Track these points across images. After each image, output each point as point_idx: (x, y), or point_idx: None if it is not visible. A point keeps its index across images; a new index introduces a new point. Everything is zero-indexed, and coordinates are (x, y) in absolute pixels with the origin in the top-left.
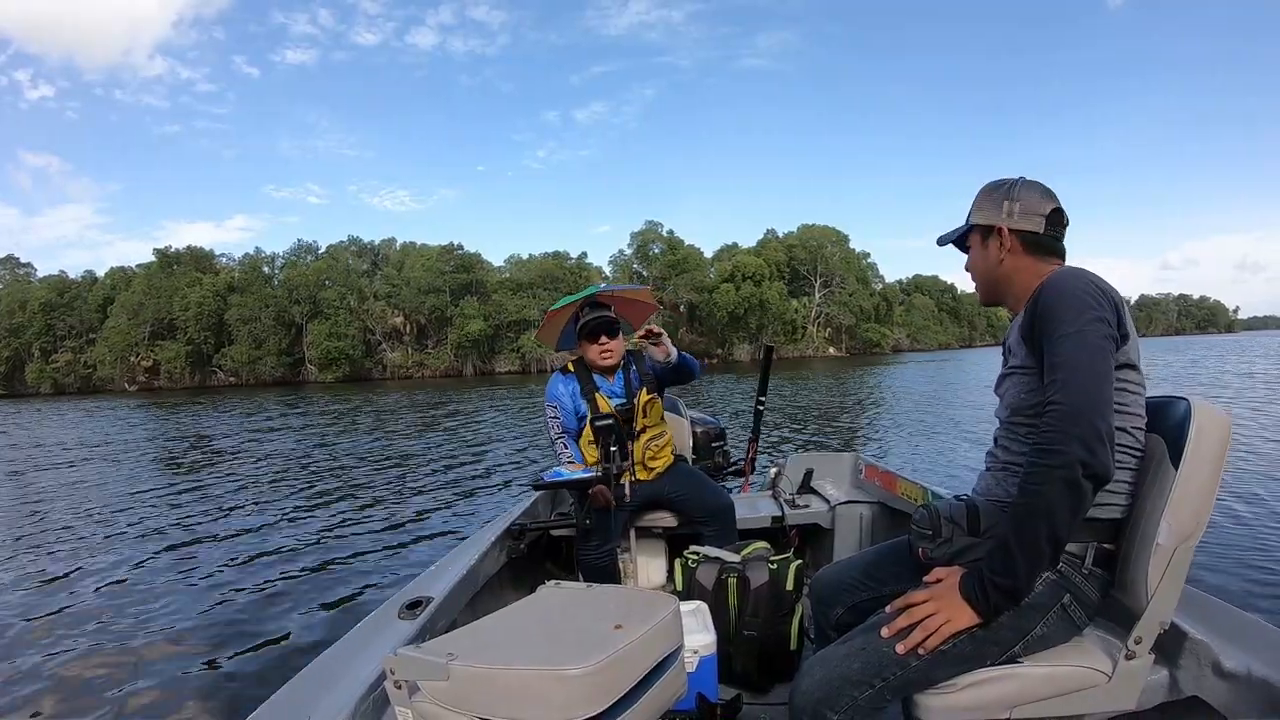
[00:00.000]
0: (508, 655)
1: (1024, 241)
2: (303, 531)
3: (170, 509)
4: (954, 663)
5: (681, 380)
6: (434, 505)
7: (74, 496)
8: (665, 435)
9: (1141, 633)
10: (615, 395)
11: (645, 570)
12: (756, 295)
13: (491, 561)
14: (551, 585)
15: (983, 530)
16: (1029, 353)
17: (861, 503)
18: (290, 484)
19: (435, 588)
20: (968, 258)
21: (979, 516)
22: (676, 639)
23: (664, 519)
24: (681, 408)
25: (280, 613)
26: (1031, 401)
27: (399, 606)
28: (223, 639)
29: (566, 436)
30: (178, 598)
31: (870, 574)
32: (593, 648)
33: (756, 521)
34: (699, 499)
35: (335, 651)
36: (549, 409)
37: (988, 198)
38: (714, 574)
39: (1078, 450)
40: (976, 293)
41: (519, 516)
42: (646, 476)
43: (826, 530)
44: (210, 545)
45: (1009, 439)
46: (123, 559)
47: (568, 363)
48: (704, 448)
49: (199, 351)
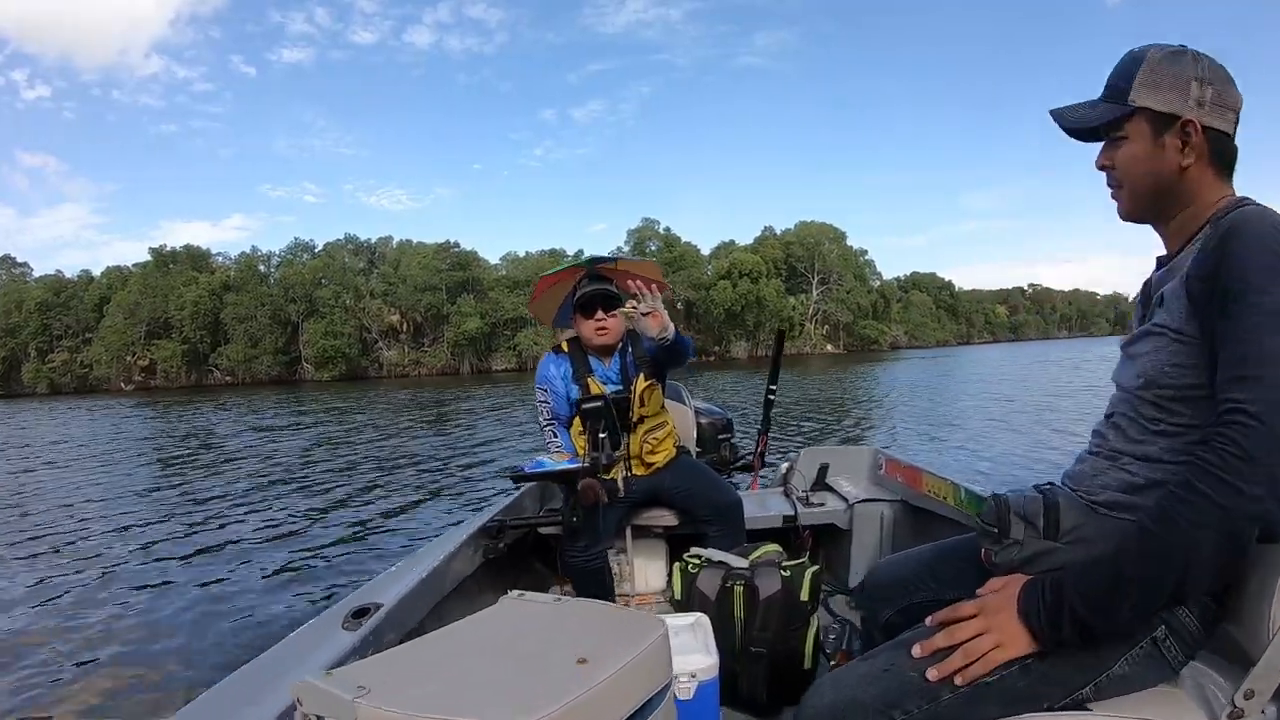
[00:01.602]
0: (434, 695)
1: (1211, 146)
2: (293, 530)
3: (165, 509)
4: (998, 701)
5: (674, 362)
6: (429, 501)
7: (65, 496)
8: (666, 426)
9: (1257, 685)
10: (610, 381)
11: (642, 573)
12: (754, 292)
13: (464, 562)
14: (514, 597)
15: (1062, 533)
16: (1192, 311)
17: (882, 501)
18: (284, 484)
19: (389, 592)
20: (1113, 152)
21: (1059, 514)
22: (663, 674)
23: (664, 517)
24: (685, 395)
25: (245, 612)
26: (1183, 381)
27: (345, 614)
28: (205, 637)
29: (556, 423)
30: (165, 598)
31: (933, 571)
32: (545, 690)
33: (766, 521)
34: (703, 495)
35: (258, 665)
36: (539, 392)
37: (1166, 71)
38: (718, 581)
39: (1263, 491)
40: (1118, 201)
41: (500, 512)
42: (644, 472)
43: (843, 531)
44: (211, 552)
45: (1131, 420)
46: (113, 560)
47: (561, 342)
48: (709, 440)
49: (195, 351)
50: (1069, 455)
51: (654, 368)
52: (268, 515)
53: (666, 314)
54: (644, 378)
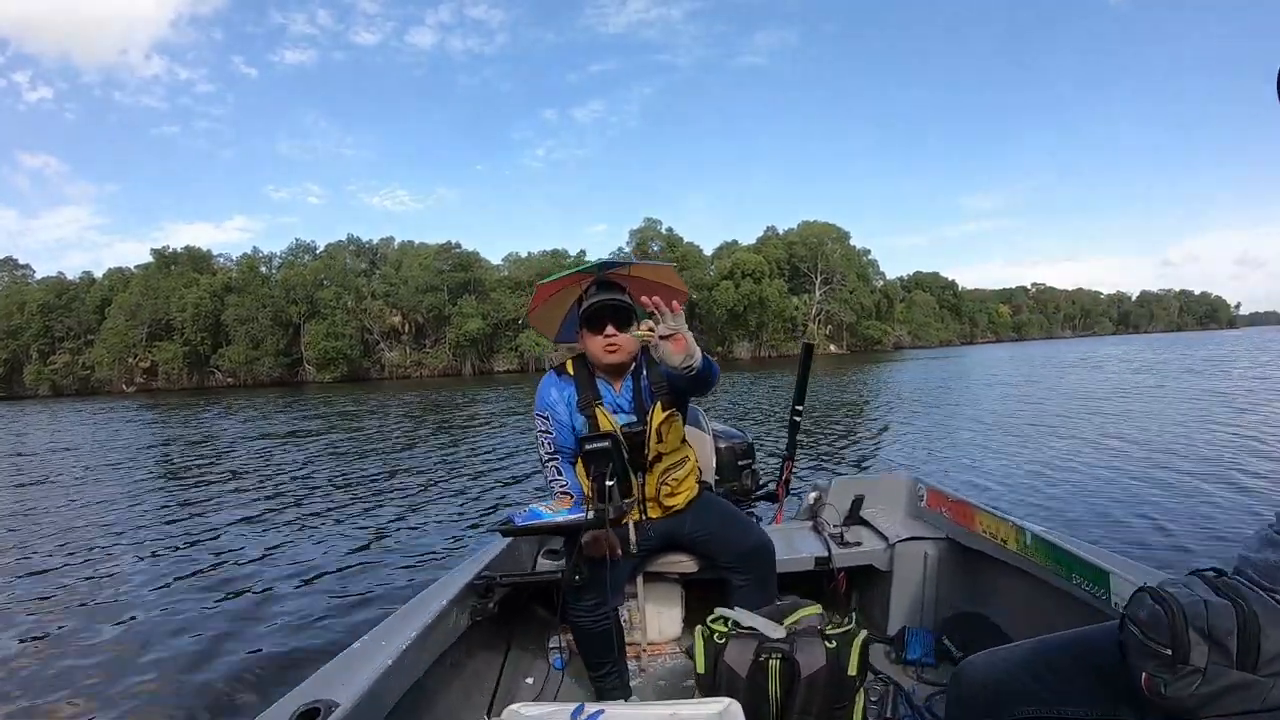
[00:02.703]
0: None
1: None
2: (291, 542)
3: (168, 516)
4: None
5: (698, 390)
6: (438, 512)
7: (64, 500)
8: (688, 464)
9: None
10: (621, 410)
11: (655, 620)
12: (756, 293)
13: (445, 631)
14: (515, 712)
15: (1263, 660)
16: None
17: (926, 539)
18: (284, 490)
19: (348, 686)
20: None
21: (1259, 633)
22: None
23: (681, 563)
24: (703, 419)
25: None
26: None
27: (289, 718)
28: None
29: (560, 458)
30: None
31: (1040, 678)
32: None
33: (796, 564)
34: (728, 540)
35: None
36: (538, 420)
37: None
38: (749, 654)
39: None
40: None
41: (490, 563)
42: (660, 515)
43: (882, 573)
44: (211, 559)
45: None
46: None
47: (566, 360)
48: (728, 467)
49: (196, 352)
50: (1137, 466)
51: (674, 395)
52: (269, 522)
53: (691, 336)
54: (662, 407)
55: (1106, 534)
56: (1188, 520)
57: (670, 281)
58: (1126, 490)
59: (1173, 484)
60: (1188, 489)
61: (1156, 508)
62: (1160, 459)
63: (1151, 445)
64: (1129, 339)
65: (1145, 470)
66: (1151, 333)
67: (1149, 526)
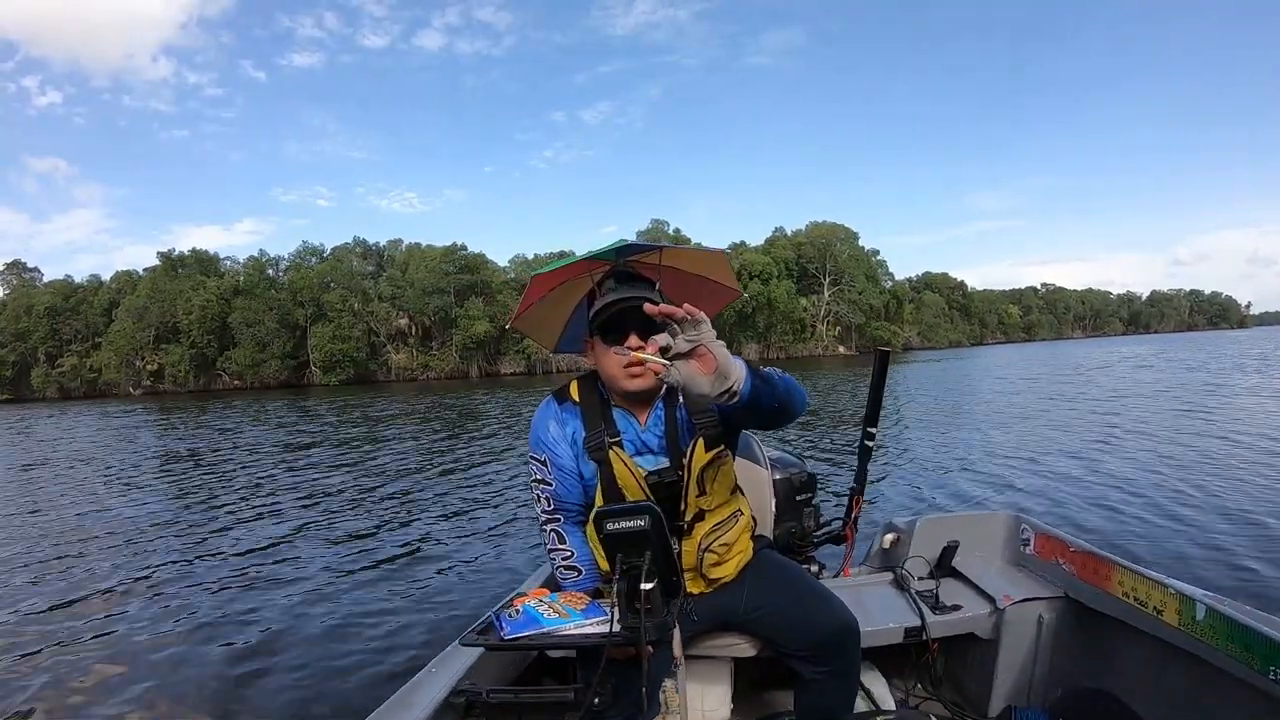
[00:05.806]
0: None
1: None
2: (290, 551)
3: (170, 519)
4: None
5: (768, 422)
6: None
7: (69, 503)
8: (740, 519)
9: None
10: (648, 449)
11: (699, 701)
12: (764, 294)
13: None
14: None
15: None
16: None
17: (1040, 599)
18: (283, 495)
19: None
20: None
21: None
22: None
23: (735, 646)
24: (757, 447)
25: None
26: None
27: None
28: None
29: (563, 518)
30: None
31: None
32: None
33: (882, 635)
34: (798, 623)
35: None
36: (533, 465)
37: None
38: None
39: None
40: None
41: (471, 669)
42: (705, 589)
43: (985, 641)
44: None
45: None
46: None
47: (570, 383)
48: (786, 504)
49: (203, 355)
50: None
51: (722, 428)
52: (271, 531)
53: (724, 348)
54: (705, 446)
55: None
56: None
57: (718, 275)
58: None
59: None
60: None
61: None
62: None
63: None
64: (1144, 339)
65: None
66: (1162, 332)
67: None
